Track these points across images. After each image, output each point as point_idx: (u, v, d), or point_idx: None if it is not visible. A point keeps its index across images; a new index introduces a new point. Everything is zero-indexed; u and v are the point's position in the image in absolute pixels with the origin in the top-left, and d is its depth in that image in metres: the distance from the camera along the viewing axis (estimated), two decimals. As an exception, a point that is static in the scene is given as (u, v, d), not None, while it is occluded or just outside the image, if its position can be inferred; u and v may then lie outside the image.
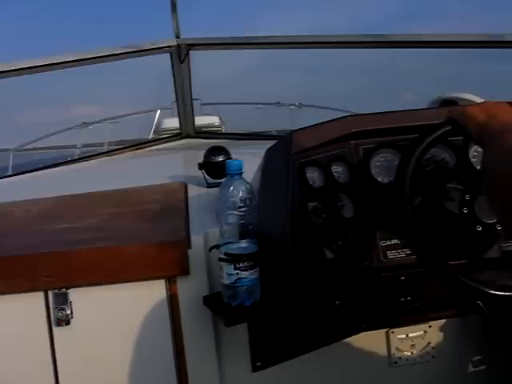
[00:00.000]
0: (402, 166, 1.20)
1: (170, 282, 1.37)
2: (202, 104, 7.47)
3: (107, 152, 3.21)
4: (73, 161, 3.14)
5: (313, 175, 1.31)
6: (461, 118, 1.13)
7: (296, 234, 1.23)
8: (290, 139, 1.33)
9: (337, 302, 1.24)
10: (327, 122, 1.41)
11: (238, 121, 8.51)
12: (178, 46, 2.71)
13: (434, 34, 2.17)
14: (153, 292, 1.37)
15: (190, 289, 1.37)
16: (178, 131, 3.40)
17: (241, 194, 1.21)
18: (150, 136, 7.59)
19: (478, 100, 1.83)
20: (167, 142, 3.38)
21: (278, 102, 7.24)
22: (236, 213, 1.21)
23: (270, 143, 3.18)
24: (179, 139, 3.35)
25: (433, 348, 1.55)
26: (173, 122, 6.03)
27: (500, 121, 1.03)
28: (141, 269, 1.36)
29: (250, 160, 2.09)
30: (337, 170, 1.35)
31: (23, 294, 1.36)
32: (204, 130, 4.70)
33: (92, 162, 3.07)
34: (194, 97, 3.22)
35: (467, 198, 1.25)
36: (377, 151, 1.39)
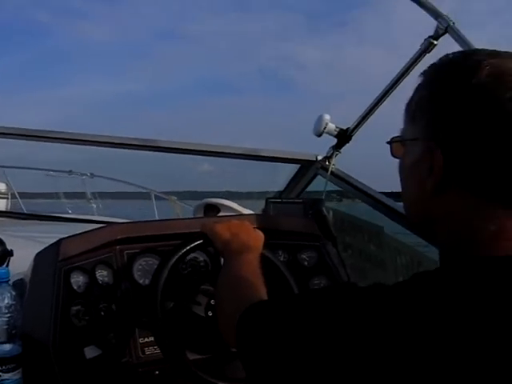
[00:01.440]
0: (155, 275, 1.37)
1: None
2: (-12, 167, 7.12)
3: None
4: None
5: (78, 280, 1.44)
6: (210, 233, 1.32)
7: (58, 337, 1.34)
8: (58, 246, 1.45)
9: None
10: (95, 229, 1.56)
11: (30, 187, 8.24)
12: None
13: (205, 144, 2.46)
14: None
15: None
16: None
17: (6, 301, 1.29)
18: None
19: (236, 206, 2.11)
20: None
21: (70, 171, 7.14)
22: (1, 318, 1.29)
23: (54, 224, 3.22)
24: None
25: None
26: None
27: (240, 241, 1.24)
28: None
29: (28, 244, 2.15)
30: (101, 273, 1.49)
31: None
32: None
33: None
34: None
35: (212, 302, 1.46)
36: (140, 256, 1.56)
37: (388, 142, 0.87)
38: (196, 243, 1.37)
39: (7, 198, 6.65)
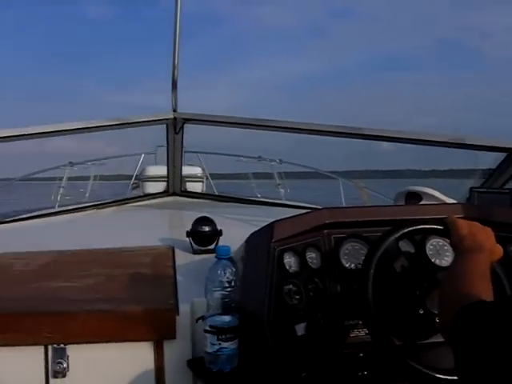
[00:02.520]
0: (367, 259, 1.40)
1: (158, 345, 1.54)
2: (185, 152, 7.57)
3: (96, 205, 3.39)
4: (64, 211, 3.30)
5: (289, 260, 1.52)
6: (450, 224, 1.35)
7: (272, 313, 1.43)
8: (272, 228, 1.54)
9: (303, 374, 1.42)
10: (304, 213, 1.62)
11: (219, 169, 8.70)
12: (175, 119, 2.95)
13: (405, 132, 2.44)
14: (141, 353, 1.54)
15: (176, 352, 1.54)
16: (165, 188, 3.61)
17: (227, 276, 1.41)
18: (132, 181, 7.69)
19: (439, 195, 2.07)
20: (155, 198, 3.58)
21: (260, 157, 7.39)
22: (222, 292, 1.41)
23: (249, 207, 3.40)
24: (165, 196, 3.55)
25: None
26: (156, 170, 6.20)
27: (475, 240, 1.26)
28: (132, 331, 1.53)
29: (232, 224, 2.29)
30: (311, 256, 1.55)
31: (24, 347, 1.52)
32: (187, 180, 4.88)
33: (80, 213, 3.26)
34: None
35: (425, 285, 1.45)
36: (346, 240, 1.60)
37: None
38: (436, 226, 1.41)
39: (202, 182, 7.08)
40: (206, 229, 2.09)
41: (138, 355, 1.54)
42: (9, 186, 6.72)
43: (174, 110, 2.93)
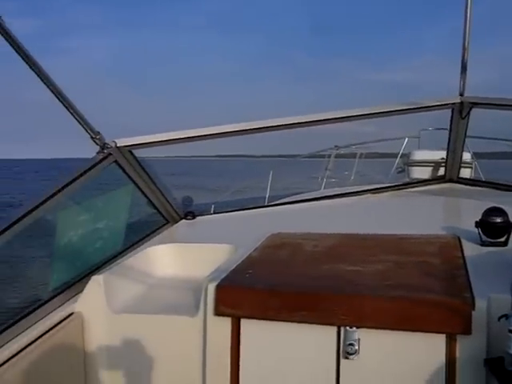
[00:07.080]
0: None
1: (451, 339, 1.49)
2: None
3: (371, 189, 3.42)
4: (339, 195, 3.40)
5: None
6: None
7: None
8: None
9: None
10: None
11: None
12: (462, 103, 2.82)
13: None
14: (433, 344, 1.51)
15: (470, 349, 1.48)
16: (440, 174, 3.51)
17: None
18: (396, 165, 7.60)
19: None
20: (430, 184, 3.50)
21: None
22: (531, 290, 1.30)
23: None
24: (441, 183, 3.45)
25: None
26: (423, 155, 6.04)
27: None
28: (425, 322, 1.51)
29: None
30: None
31: (320, 326, 1.60)
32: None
33: (356, 197, 3.33)
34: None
35: None
36: None
37: None
38: None
39: (471, 168, 6.72)
40: (498, 220, 1.98)
41: (429, 346, 1.52)
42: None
43: (461, 94, 2.81)
